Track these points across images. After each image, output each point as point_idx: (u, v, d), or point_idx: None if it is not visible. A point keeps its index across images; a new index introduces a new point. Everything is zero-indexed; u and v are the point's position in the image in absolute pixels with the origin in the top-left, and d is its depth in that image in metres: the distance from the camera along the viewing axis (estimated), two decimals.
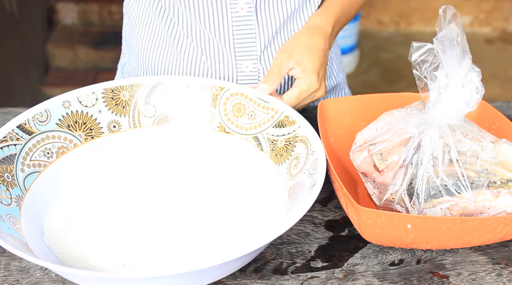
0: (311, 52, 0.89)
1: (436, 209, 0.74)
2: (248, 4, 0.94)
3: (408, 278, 0.74)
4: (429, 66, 0.75)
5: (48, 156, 0.82)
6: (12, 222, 0.73)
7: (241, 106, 0.87)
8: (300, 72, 0.89)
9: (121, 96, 0.87)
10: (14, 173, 0.78)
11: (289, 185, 0.80)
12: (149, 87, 0.88)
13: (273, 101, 0.86)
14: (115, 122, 0.87)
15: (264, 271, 0.75)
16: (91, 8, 2.71)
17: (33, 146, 0.81)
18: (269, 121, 0.85)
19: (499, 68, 2.76)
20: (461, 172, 0.74)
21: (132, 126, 0.88)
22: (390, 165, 0.76)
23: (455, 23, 0.74)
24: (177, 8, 0.96)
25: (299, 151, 0.81)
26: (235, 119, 0.87)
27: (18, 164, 0.79)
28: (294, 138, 0.83)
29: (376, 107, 0.87)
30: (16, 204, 0.76)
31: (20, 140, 0.80)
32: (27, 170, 0.80)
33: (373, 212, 0.72)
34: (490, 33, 3.00)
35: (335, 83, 1.11)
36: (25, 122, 0.81)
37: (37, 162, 0.81)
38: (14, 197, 0.76)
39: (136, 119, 0.88)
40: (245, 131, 0.87)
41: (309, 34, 0.92)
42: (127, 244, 0.75)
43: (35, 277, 0.73)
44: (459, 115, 0.76)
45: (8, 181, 0.77)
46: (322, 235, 0.80)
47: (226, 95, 0.88)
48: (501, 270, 0.76)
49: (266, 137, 0.85)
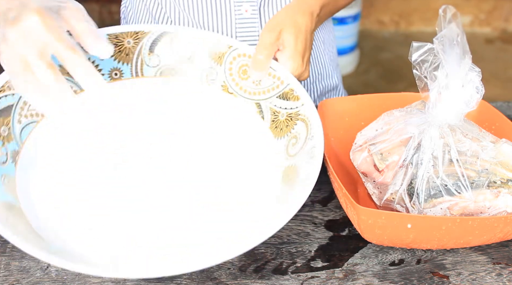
0: (298, 34, 0.84)
1: (436, 209, 0.74)
2: (252, 6, 0.94)
3: (408, 278, 0.74)
4: (429, 66, 0.75)
5: None
6: (6, 182, 0.71)
7: (247, 69, 0.84)
8: (284, 57, 0.84)
9: (125, 43, 0.85)
10: (11, 125, 0.75)
11: (285, 164, 0.78)
12: (154, 36, 0.85)
13: (280, 70, 0.83)
14: (117, 70, 0.84)
15: (264, 271, 0.75)
16: (91, 8, 2.71)
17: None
18: (274, 90, 0.83)
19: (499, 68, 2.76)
20: (461, 171, 0.74)
21: (134, 75, 0.85)
22: (390, 165, 0.76)
23: (455, 23, 0.74)
24: (177, 11, 0.96)
25: (299, 130, 0.79)
26: (240, 81, 0.84)
27: (15, 115, 0.76)
28: (296, 115, 0.80)
29: (376, 107, 0.87)
30: (12, 160, 0.73)
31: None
32: (24, 120, 0.77)
33: (373, 212, 0.72)
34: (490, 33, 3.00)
35: (332, 85, 1.10)
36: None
37: (35, 111, 0.78)
38: (10, 153, 0.74)
39: (139, 68, 0.85)
40: (249, 95, 0.84)
41: (298, 10, 0.86)
42: (111, 219, 0.73)
43: (35, 277, 0.73)
44: (459, 115, 0.76)
45: (4, 135, 0.74)
46: (322, 235, 0.80)
47: (233, 54, 0.85)
48: (501, 270, 0.76)
49: (268, 106, 0.83)
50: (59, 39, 0.67)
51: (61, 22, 0.69)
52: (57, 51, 0.67)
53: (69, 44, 0.68)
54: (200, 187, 0.77)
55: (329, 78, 1.09)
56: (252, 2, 0.94)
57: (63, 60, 0.68)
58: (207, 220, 0.74)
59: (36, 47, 0.67)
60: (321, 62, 1.07)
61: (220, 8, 0.94)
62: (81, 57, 0.68)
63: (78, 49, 0.68)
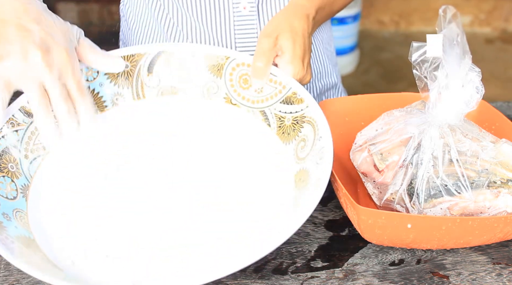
0: (296, 37, 0.84)
1: (436, 209, 0.74)
2: (250, 3, 0.94)
3: (408, 278, 0.74)
4: (429, 66, 0.75)
5: None
6: (19, 217, 0.71)
7: (247, 78, 0.84)
8: (284, 62, 0.84)
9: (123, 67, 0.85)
10: (18, 161, 0.76)
11: (296, 169, 0.78)
12: (151, 57, 0.86)
13: (281, 75, 0.82)
14: (118, 95, 0.85)
15: (264, 271, 0.75)
16: (91, 8, 2.71)
17: (36, 129, 0.78)
18: (277, 96, 0.82)
19: (499, 68, 2.76)
20: (461, 171, 0.74)
21: (136, 98, 0.85)
22: (390, 165, 0.76)
23: (455, 23, 0.74)
24: (176, 8, 0.96)
25: (306, 132, 0.79)
26: (242, 91, 0.84)
27: (21, 151, 0.76)
28: (301, 118, 0.80)
29: (376, 107, 0.87)
30: (23, 195, 0.74)
31: (21, 125, 0.77)
32: (31, 155, 0.77)
33: (373, 212, 0.72)
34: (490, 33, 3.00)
35: (331, 84, 1.11)
36: (27, 105, 0.77)
37: (41, 145, 0.78)
38: (20, 187, 0.74)
39: (140, 90, 0.85)
40: (252, 104, 0.84)
41: (293, 14, 0.86)
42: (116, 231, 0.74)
43: (35, 277, 0.73)
44: (459, 115, 0.76)
45: (12, 171, 0.74)
46: (322, 235, 0.80)
47: (232, 65, 0.85)
48: (501, 270, 0.76)
49: (273, 112, 0.83)
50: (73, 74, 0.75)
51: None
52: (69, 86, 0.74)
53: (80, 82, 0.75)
54: (211, 196, 0.77)
55: (328, 76, 1.09)
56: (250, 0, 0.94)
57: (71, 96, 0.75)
58: (217, 229, 0.74)
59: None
60: (320, 61, 1.07)
61: (219, 5, 0.94)
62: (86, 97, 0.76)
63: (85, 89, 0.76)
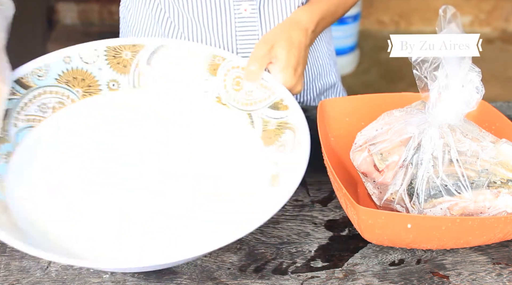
0: (291, 48, 0.86)
1: (436, 209, 0.74)
2: (251, 5, 0.94)
3: (408, 278, 0.74)
4: (429, 66, 0.75)
5: (43, 111, 0.82)
6: None
7: (240, 80, 0.87)
8: (276, 69, 0.86)
9: (123, 55, 0.87)
10: (7, 128, 0.78)
11: (272, 172, 0.79)
12: (152, 49, 0.87)
13: (272, 82, 0.85)
14: (114, 81, 0.87)
15: (264, 271, 0.75)
16: (91, 8, 2.71)
17: (29, 101, 0.80)
18: (266, 101, 0.85)
19: (499, 68, 2.75)
20: (461, 172, 0.74)
21: (131, 86, 0.87)
22: (390, 165, 0.76)
23: (455, 23, 0.74)
24: (176, 10, 0.96)
25: (286, 138, 0.81)
26: (233, 92, 0.87)
27: (11, 119, 0.79)
28: (284, 124, 0.82)
29: (376, 107, 0.87)
30: (5, 160, 0.76)
31: (17, 95, 0.80)
32: (21, 124, 0.79)
33: (373, 212, 0.72)
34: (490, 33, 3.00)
35: (330, 83, 1.10)
36: (24, 76, 0.81)
37: (32, 116, 0.81)
38: (4, 153, 0.76)
39: (136, 80, 0.87)
40: (241, 106, 0.86)
41: (290, 28, 0.89)
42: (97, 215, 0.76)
43: (35, 277, 0.73)
44: (459, 115, 0.76)
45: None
46: (322, 235, 0.80)
47: (227, 66, 0.87)
48: (501, 270, 0.76)
49: (260, 116, 0.85)
50: None
51: None
52: None
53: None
54: (187, 195, 0.79)
55: (328, 76, 1.10)
56: (251, 1, 0.94)
57: None
58: (205, 203, 0.77)
59: None
60: (319, 61, 1.07)
61: (220, 7, 0.94)
62: None
63: None
